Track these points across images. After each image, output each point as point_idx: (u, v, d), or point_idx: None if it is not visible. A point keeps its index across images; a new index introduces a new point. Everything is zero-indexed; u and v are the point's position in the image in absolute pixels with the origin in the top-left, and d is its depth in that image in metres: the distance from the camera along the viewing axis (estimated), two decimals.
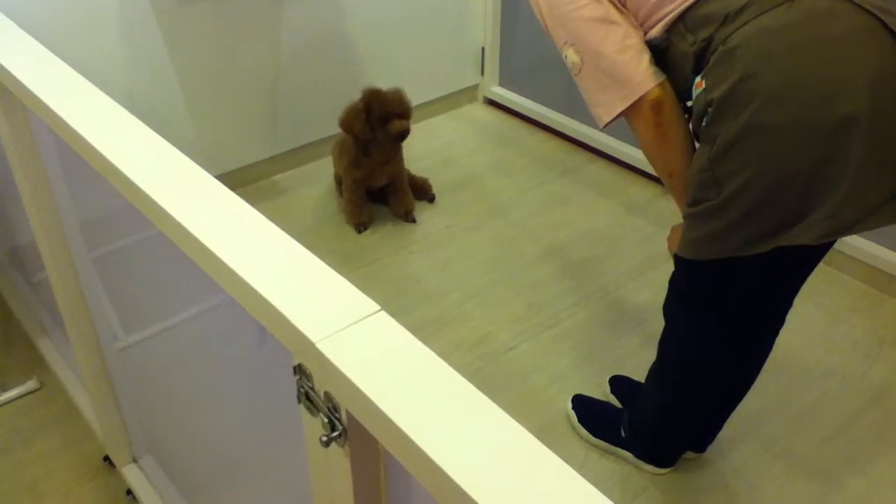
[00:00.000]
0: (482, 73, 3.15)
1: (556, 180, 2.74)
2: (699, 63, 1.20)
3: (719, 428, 1.73)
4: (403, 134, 2.32)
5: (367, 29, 2.76)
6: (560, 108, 2.94)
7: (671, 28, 1.23)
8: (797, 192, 1.14)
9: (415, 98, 3.03)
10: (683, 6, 1.20)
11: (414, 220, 2.46)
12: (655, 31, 1.25)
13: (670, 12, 1.21)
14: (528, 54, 3.02)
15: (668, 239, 1.49)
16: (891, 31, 1.09)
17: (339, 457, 0.62)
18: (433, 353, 0.60)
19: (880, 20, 1.09)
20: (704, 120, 1.19)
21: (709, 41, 1.17)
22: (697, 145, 1.25)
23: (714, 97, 1.15)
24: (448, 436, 0.53)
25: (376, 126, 2.30)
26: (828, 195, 1.13)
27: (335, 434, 0.60)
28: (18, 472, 1.78)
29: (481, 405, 0.56)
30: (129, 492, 1.67)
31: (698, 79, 1.19)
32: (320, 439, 0.60)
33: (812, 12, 1.10)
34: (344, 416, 0.59)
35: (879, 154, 1.10)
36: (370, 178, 2.42)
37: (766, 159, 1.13)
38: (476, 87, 3.20)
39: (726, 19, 1.14)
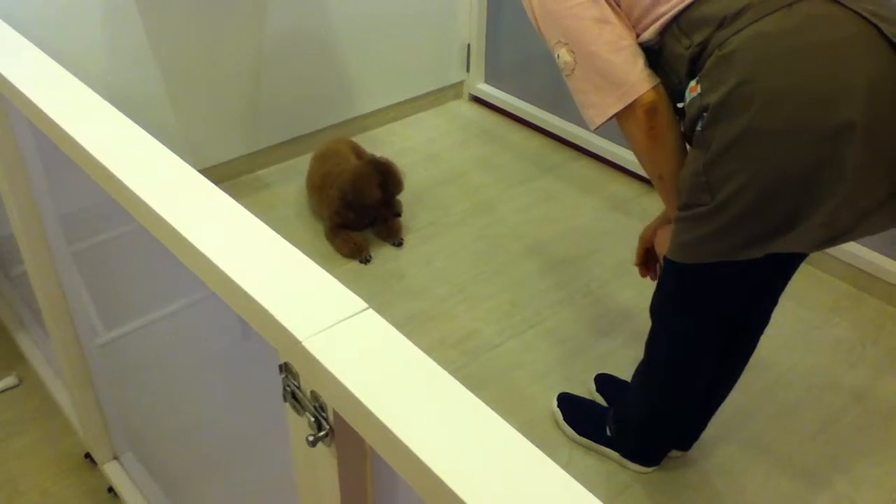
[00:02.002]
0: (468, 69, 3.14)
1: (541, 177, 2.73)
2: (693, 66, 1.19)
3: (703, 427, 1.73)
4: (398, 213, 2.38)
5: (352, 24, 2.74)
6: (545, 106, 2.94)
7: (665, 30, 1.22)
8: (792, 197, 1.14)
9: (399, 94, 3.03)
10: (679, 7, 1.18)
11: (401, 244, 2.43)
12: (649, 34, 1.23)
13: (665, 13, 1.20)
14: (514, 51, 3.01)
15: (655, 241, 1.49)
16: (886, 37, 1.09)
17: (325, 456, 0.61)
18: (421, 352, 0.59)
19: (875, 26, 1.09)
20: (699, 124, 1.18)
21: (704, 45, 1.16)
22: (689, 148, 1.25)
23: (710, 102, 1.14)
24: (436, 435, 0.53)
25: (386, 198, 2.32)
26: (823, 201, 1.12)
27: (322, 434, 0.59)
28: None
29: (469, 404, 0.55)
30: (110, 489, 1.65)
31: (693, 83, 1.18)
32: (307, 439, 0.59)
33: (809, 17, 1.10)
34: (331, 416, 0.58)
35: (874, 159, 1.10)
36: (354, 224, 2.42)
37: (763, 164, 1.13)
38: (461, 83, 3.19)
39: (723, 23, 1.14)
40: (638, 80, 1.22)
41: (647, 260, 1.58)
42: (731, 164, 1.15)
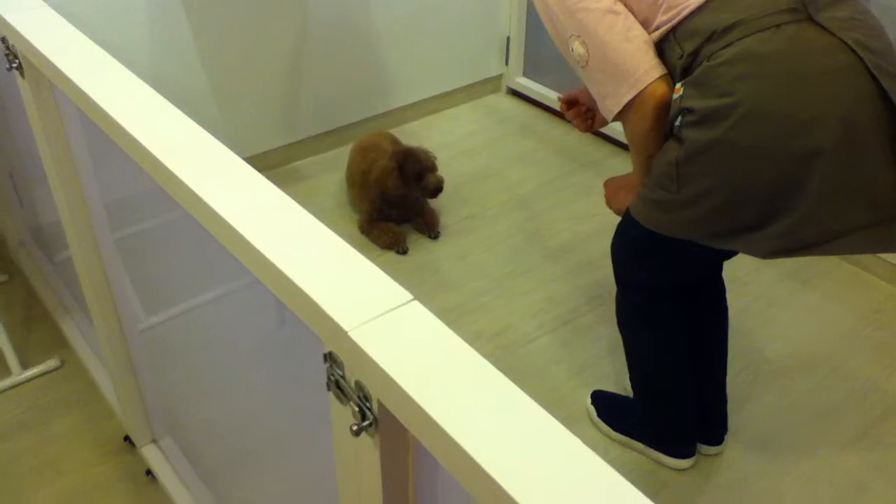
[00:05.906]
0: (507, 62, 3.13)
1: (579, 172, 2.71)
2: (684, 75, 1.25)
3: (720, 412, 1.73)
4: (440, 188, 2.31)
5: (392, 16, 2.74)
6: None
7: (664, 39, 1.28)
8: (753, 207, 1.22)
9: (438, 87, 3.03)
10: (679, 17, 1.25)
11: (438, 236, 2.43)
12: (653, 38, 1.31)
13: (666, 22, 1.27)
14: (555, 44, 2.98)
15: (610, 190, 1.59)
16: (868, 69, 1.14)
17: (368, 446, 0.61)
18: (466, 344, 0.59)
19: (859, 57, 1.14)
20: (679, 120, 1.24)
21: (694, 55, 1.22)
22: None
23: (691, 105, 1.21)
24: (480, 426, 0.53)
25: (411, 182, 2.29)
26: (784, 214, 1.20)
27: (366, 423, 0.59)
28: (39, 449, 1.79)
29: (513, 396, 0.55)
30: (148, 472, 1.68)
31: (678, 85, 1.26)
32: (351, 428, 0.59)
33: (795, 42, 1.16)
34: (375, 406, 0.58)
35: (844, 185, 1.17)
36: (391, 218, 2.43)
37: (730, 174, 1.21)
38: (500, 76, 3.18)
39: (712, 36, 1.20)
40: (650, 67, 1.28)
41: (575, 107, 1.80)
42: (701, 167, 1.23)
